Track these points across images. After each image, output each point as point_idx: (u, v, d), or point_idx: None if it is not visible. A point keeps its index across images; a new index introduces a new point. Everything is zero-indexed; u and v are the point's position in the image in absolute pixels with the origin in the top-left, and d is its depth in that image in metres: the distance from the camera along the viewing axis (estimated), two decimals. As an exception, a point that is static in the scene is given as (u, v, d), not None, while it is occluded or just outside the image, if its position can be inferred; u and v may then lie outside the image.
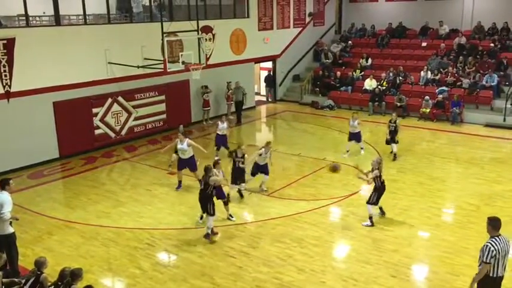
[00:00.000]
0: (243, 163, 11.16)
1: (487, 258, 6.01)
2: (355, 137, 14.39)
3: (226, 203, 10.36)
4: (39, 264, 6.82)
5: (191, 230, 9.97)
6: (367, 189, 11.94)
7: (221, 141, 14.16)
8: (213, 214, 9.49)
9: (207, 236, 9.47)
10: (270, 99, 23.09)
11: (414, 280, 8.27)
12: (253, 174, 11.72)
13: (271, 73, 22.87)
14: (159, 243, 9.44)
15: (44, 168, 13.85)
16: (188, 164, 11.97)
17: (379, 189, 9.98)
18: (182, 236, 9.67)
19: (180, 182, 12.16)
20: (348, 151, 14.48)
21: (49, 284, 6.78)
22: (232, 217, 10.34)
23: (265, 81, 23.31)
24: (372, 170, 9.95)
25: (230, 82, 18.95)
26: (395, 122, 14.05)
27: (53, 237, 9.75)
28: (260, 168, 11.63)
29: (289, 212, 10.65)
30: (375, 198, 10.01)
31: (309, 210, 10.72)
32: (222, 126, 14.02)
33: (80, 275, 6.55)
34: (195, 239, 9.57)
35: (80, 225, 10.26)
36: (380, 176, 9.95)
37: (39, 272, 6.75)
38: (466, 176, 12.84)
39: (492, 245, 6.02)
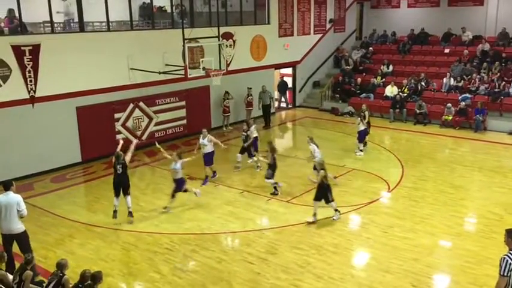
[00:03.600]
0: None
1: (504, 271, 5.85)
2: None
3: (185, 190, 11.28)
4: (61, 266, 6.94)
5: (210, 235, 10.01)
6: (387, 197, 11.86)
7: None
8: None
9: (130, 213, 10.57)
10: (281, 106, 23.20)
11: (435, 290, 8.15)
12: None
13: (283, 79, 23.09)
14: (178, 248, 9.49)
15: (66, 172, 14.08)
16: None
17: (323, 188, 10.30)
18: (201, 241, 9.70)
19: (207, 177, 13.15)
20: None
21: (70, 285, 6.87)
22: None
23: (278, 87, 23.20)
24: (318, 171, 10.46)
25: (251, 88, 19.00)
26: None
27: (74, 240, 9.89)
28: None
29: (307, 218, 10.59)
30: (319, 195, 10.36)
31: (328, 217, 10.64)
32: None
33: (100, 278, 6.66)
34: (213, 244, 9.60)
35: (101, 228, 10.40)
36: (326, 176, 10.35)
37: (61, 274, 6.86)
38: (489, 184, 12.60)
39: (510, 258, 5.85)
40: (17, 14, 13.08)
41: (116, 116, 15.46)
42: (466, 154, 15.40)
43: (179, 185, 11.19)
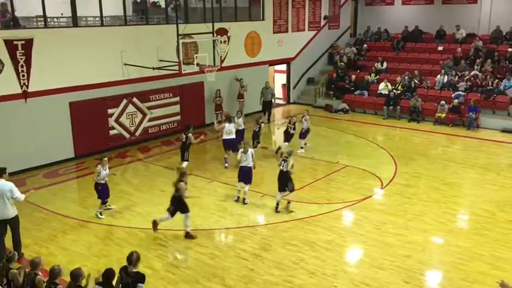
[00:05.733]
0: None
1: None
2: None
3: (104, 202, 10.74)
4: (35, 264, 6.66)
5: (203, 231, 10.00)
6: (380, 194, 11.92)
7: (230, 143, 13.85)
8: (189, 210, 9.66)
9: (188, 234, 9.66)
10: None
11: (427, 286, 8.19)
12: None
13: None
14: (171, 244, 9.49)
15: (59, 168, 14.01)
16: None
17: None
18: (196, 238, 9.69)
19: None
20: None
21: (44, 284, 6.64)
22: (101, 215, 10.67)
23: None
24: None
25: (241, 79, 18.92)
26: (294, 124, 14.77)
27: (67, 236, 9.85)
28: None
29: (301, 215, 10.62)
30: None
31: (321, 213, 10.68)
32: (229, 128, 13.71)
33: (79, 275, 6.35)
34: (207, 240, 9.60)
35: (93, 224, 10.36)
36: None
37: (35, 273, 6.65)
38: (481, 181, 12.67)
39: None
40: (9, 8, 12.98)
41: (109, 111, 15.38)
42: (458, 151, 15.48)
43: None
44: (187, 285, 8.07)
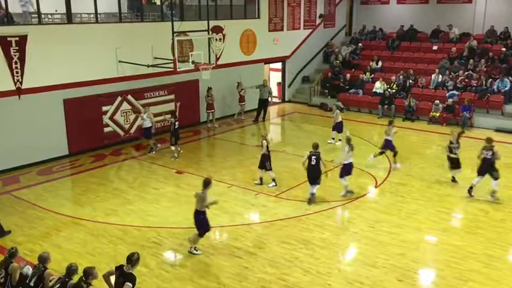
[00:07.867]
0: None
1: None
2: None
3: None
4: (43, 259, 6.82)
5: (198, 229, 9.98)
6: (374, 192, 11.95)
7: None
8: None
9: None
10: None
11: (421, 285, 8.22)
12: None
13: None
14: (166, 242, 9.47)
15: (53, 165, 13.94)
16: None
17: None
18: (189, 235, 9.66)
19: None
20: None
21: (52, 278, 6.76)
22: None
23: None
24: None
25: (240, 82, 18.91)
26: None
27: (60, 234, 9.81)
28: None
29: (296, 213, 10.64)
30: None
31: (316, 212, 10.69)
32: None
33: (90, 273, 6.47)
34: (201, 238, 9.57)
35: (87, 222, 10.32)
36: None
37: (43, 268, 6.74)
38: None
39: None
40: (3, 5, 12.90)
41: (104, 108, 15.32)
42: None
43: None
44: (181, 283, 8.06)
